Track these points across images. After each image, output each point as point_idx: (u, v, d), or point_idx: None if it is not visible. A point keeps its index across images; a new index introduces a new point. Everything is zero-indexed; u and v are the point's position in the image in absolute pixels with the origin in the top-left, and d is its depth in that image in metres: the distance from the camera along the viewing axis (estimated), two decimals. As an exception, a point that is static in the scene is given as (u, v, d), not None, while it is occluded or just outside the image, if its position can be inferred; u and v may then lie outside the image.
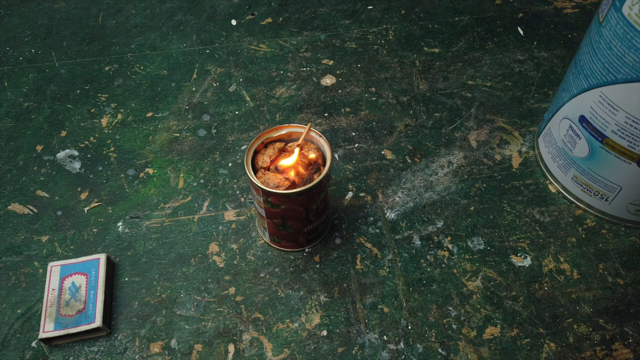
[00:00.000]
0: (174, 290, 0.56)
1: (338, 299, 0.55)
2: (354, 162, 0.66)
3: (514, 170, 0.65)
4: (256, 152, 0.52)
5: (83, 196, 0.63)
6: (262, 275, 0.57)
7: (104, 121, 0.70)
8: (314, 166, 0.52)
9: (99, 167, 0.65)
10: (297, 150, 0.51)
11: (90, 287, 0.53)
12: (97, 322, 0.51)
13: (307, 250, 0.58)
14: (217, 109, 0.71)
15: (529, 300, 0.55)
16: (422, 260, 0.57)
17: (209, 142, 0.68)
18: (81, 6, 0.85)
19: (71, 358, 0.52)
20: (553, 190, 0.63)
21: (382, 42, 0.79)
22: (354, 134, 0.68)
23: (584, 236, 0.59)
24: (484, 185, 0.63)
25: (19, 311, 0.54)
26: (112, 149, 0.67)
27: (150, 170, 0.65)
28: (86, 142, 0.68)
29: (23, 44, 0.79)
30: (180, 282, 0.56)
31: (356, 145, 0.67)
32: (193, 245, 0.59)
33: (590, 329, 0.53)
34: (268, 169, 0.52)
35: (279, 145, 0.53)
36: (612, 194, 0.57)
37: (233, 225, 0.60)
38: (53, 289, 0.53)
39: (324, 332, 0.53)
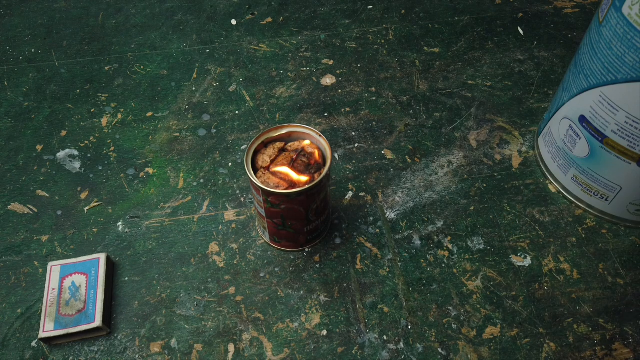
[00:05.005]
0: (174, 290, 0.56)
1: (338, 298, 0.55)
2: (354, 162, 0.66)
3: (514, 170, 0.65)
4: (256, 152, 0.52)
5: (83, 196, 0.63)
6: (262, 275, 0.57)
7: (104, 121, 0.70)
8: (314, 166, 0.52)
9: (99, 167, 0.65)
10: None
11: (90, 287, 0.53)
12: (97, 322, 0.51)
13: (307, 250, 0.58)
14: (217, 109, 0.71)
15: (529, 300, 0.55)
16: (422, 260, 0.57)
17: (209, 142, 0.68)
18: (81, 6, 0.85)
19: (71, 358, 0.52)
20: (553, 190, 0.63)
21: (382, 42, 0.79)
22: (354, 133, 0.68)
23: (584, 236, 0.59)
24: (484, 185, 0.63)
25: (19, 311, 0.54)
26: (112, 148, 0.67)
27: (150, 170, 0.65)
28: (86, 142, 0.68)
29: (23, 43, 0.79)
30: (180, 282, 0.56)
31: (356, 145, 0.67)
32: (193, 245, 0.59)
33: (590, 329, 0.53)
34: (268, 168, 0.52)
35: (279, 145, 0.53)
36: (612, 194, 0.57)
37: (233, 225, 0.60)
38: (53, 289, 0.53)
39: (324, 332, 0.53)
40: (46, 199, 0.63)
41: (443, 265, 0.57)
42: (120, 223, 0.61)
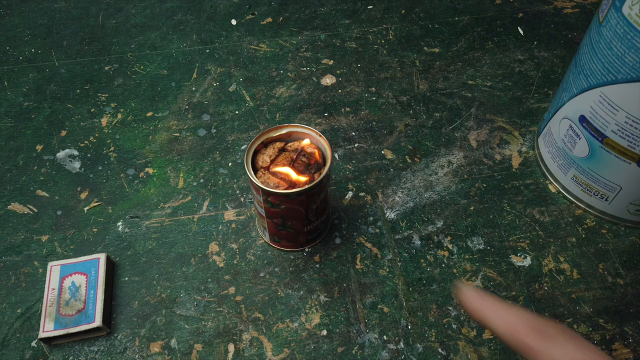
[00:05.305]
0: (174, 290, 0.56)
1: (338, 298, 0.55)
2: (354, 162, 0.66)
3: (514, 170, 0.65)
4: (256, 152, 0.52)
5: (83, 196, 0.63)
6: (262, 275, 0.57)
7: (104, 121, 0.70)
8: (314, 166, 0.52)
9: (98, 167, 0.65)
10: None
11: (90, 287, 0.53)
12: (97, 322, 0.51)
13: (307, 250, 0.58)
14: (217, 109, 0.71)
15: (529, 300, 0.55)
16: (422, 260, 0.57)
17: (209, 142, 0.68)
18: (81, 6, 0.85)
19: (71, 358, 0.52)
20: (553, 190, 0.63)
21: (382, 41, 0.79)
22: (354, 133, 0.68)
23: (583, 236, 0.59)
24: (484, 185, 0.63)
25: (18, 311, 0.54)
26: (112, 148, 0.67)
27: (150, 170, 0.65)
28: (86, 142, 0.68)
29: (23, 43, 0.79)
30: (180, 282, 0.56)
31: (356, 145, 0.67)
32: (193, 245, 0.59)
33: (590, 329, 0.53)
34: (268, 168, 0.52)
35: (279, 145, 0.53)
36: (612, 194, 0.57)
37: (233, 225, 0.60)
38: (53, 289, 0.53)
39: (324, 332, 0.53)
40: (46, 199, 0.63)
41: (443, 265, 0.57)
42: (120, 223, 0.61)
